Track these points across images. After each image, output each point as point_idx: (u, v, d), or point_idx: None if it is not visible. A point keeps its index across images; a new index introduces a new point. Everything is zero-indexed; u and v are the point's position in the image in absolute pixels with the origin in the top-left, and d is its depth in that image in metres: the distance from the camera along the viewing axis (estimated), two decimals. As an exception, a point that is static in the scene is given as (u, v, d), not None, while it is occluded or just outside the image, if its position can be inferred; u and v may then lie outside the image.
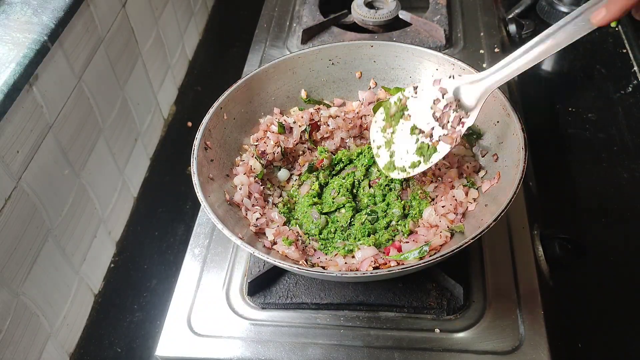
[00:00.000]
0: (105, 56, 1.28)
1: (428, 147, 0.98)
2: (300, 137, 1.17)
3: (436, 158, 0.97)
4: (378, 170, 1.12)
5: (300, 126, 1.17)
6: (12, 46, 1.00)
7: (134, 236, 1.40)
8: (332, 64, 1.22)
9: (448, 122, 0.95)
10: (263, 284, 1.05)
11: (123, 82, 1.37)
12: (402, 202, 1.07)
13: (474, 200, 1.03)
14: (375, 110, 1.20)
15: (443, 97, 0.97)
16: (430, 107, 0.98)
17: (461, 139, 1.05)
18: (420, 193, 1.08)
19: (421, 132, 0.98)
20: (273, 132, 1.15)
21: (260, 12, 1.73)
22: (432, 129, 0.97)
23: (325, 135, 1.19)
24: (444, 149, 0.96)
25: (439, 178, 1.09)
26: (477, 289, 1.03)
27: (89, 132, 1.22)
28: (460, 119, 0.95)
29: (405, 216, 1.06)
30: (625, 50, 1.70)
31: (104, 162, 1.29)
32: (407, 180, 1.10)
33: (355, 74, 1.23)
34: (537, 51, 0.87)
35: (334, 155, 1.18)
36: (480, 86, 0.95)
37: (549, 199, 1.31)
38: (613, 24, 1.77)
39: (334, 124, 1.18)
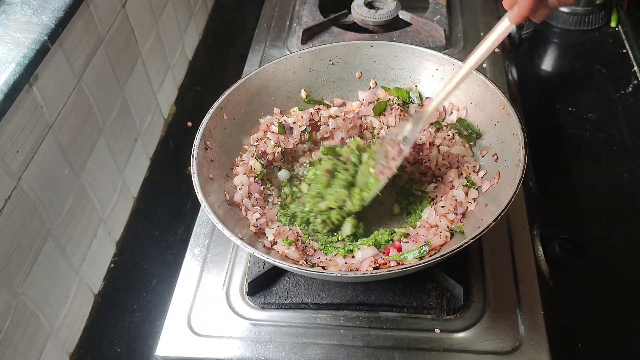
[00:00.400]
0: (105, 56, 1.28)
1: (373, 181, 1.05)
2: (300, 137, 1.16)
3: (377, 188, 1.04)
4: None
5: (300, 126, 1.17)
6: (12, 46, 1.00)
7: (134, 236, 1.40)
8: (332, 64, 1.22)
9: (392, 156, 1.04)
10: (263, 284, 1.05)
11: (123, 82, 1.37)
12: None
13: (474, 200, 1.03)
14: (375, 111, 1.20)
15: (396, 137, 1.04)
16: (386, 149, 1.06)
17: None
18: (420, 193, 1.08)
19: (374, 169, 1.06)
20: (273, 132, 1.15)
21: (260, 12, 1.73)
22: (380, 164, 1.05)
23: (325, 136, 1.19)
24: (383, 179, 1.03)
25: (439, 178, 1.09)
26: (477, 289, 1.03)
27: (89, 132, 1.22)
28: (400, 151, 1.03)
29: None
30: (625, 50, 1.70)
31: (104, 162, 1.29)
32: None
33: (355, 74, 1.23)
34: (471, 63, 0.95)
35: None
36: (421, 121, 1.03)
37: (549, 199, 1.31)
38: (613, 24, 1.78)
39: (334, 124, 1.18)
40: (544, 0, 0.84)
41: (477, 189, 1.04)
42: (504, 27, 0.91)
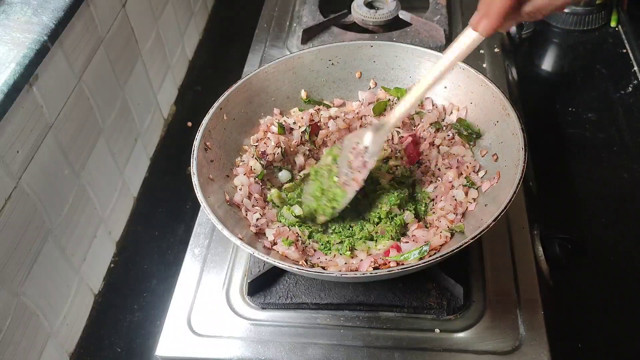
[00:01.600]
0: (105, 56, 1.28)
1: (340, 192, 1.03)
2: (301, 138, 1.16)
3: (345, 201, 1.02)
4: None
5: (300, 127, 1.17)
6: (12, 46, 1.00)
7: (134, 236, 1.40)
8: (332, 64, 1.22)
9: (357, 167, 1.02)
10: (263, 284, 1.05)
11: (123, 82, 1.37)
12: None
13: (474, 200, 1.03)
14: (375, 111, 1.20)
15: (357, 145, 1.02)
16: (348, 157, 1.04)
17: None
18: (420, 193, 1.08)
19: (338, 178, 1.04)
20: (273, 133, 1.15)
21: (260, 12, 1.73)
22: (346, 175, 1.03)
23: (326, 139, 1.19)
24: (350, 191, 1.02)
25: (439, 178, 1.09)
26: (477, 289, 1.03)
27: (89, 132, 1.22)
28: (365, 163, 1.01)
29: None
30: (625, 50, 1.70)
31: (104, 162, 1.29)
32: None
33: (355, 74, 1.23)
34: (432, 76, 0.93)
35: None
36: (383, 131, 1.01)
37: (549, 199, 1.31)
38: (613, 24, 1.78)
39: (334, 125, 1.18)
40: (516, 12, 0.81)
41: (477, 189, 1.04)
42: (471, 39, 0.88)
